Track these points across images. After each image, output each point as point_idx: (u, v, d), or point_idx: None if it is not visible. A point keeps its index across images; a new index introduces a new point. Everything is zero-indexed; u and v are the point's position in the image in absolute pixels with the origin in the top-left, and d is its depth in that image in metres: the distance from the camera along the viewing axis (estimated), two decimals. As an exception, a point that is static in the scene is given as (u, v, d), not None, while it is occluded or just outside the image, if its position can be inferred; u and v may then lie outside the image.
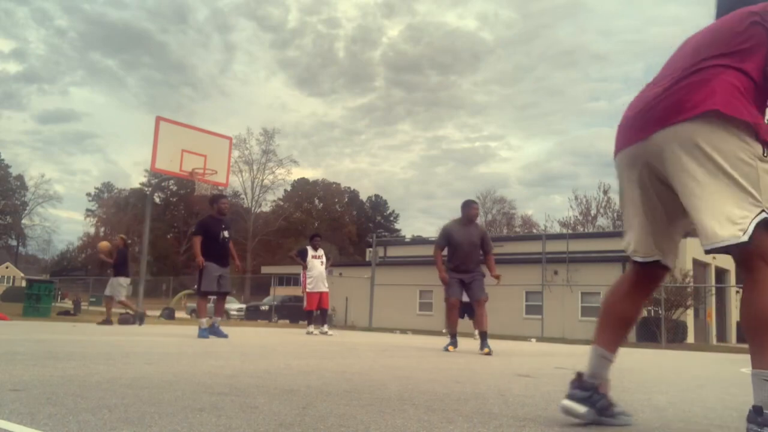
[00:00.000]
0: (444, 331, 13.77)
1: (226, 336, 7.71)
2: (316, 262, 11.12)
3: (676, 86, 1.94)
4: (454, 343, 7.44)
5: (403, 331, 17.40)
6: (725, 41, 1.95)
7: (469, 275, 7.13)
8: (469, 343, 9.13)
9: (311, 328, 11.07)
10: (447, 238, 7.24)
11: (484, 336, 7.13)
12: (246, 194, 58.82)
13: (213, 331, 7.81)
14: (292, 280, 33.02)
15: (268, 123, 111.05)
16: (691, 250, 24.26)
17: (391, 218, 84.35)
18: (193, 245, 7.94)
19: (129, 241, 17.83)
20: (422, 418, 2.09)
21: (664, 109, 1.92)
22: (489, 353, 6.64)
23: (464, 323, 14.09)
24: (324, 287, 11.11)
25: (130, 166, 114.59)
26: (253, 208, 58.41)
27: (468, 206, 7.36)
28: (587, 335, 19.41)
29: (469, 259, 7.15)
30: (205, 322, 7.71)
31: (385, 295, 22.73)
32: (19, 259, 75.73)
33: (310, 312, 11.21)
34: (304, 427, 1.83)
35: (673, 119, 1.88)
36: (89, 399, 2.15)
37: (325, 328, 11.02)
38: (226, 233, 7.98)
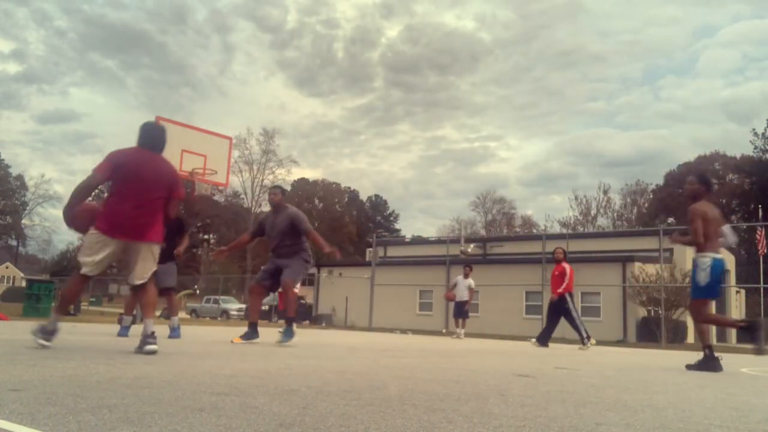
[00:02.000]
0: (443, 331, 13.77)
1: (178, 337, 7.09)
2: None
3: (148, 216, 4.45)
4: (245, 335, 6.80)
5: (403, 331, 17.39)
6: (166, 188, 4.53)
7: (282, 261, 6.81)
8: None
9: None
10: (258, 226, 7.07)
11: (287, 322, 6.71)
12: (246, 194, 58.90)
13: (171, 333, 7.26)
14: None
15: (267, 123, 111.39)
16: (691, 250, 24.26)
17: (391, 218, 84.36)
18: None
19: None
20: (422, 418, 2.09)
21: (145, 228, 4.44)
22: (281, 341, 6.39)
23: (464, 322, 14.13)
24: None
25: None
26: (253, 208, 58.40)
27: (268, 194, 7.18)
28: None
29: (279, 247, 6.83)
30: (128, 319, 7.12)
31: (385, 295, 22.72)
32: (19, 259, 75.74)
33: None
34: (304, 427, 1.83)
35: (147, 238, 4.47)
36: (89, 399, 2.15)
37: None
38: None
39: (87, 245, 4.40)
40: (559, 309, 10.29)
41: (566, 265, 10.31)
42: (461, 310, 13.99)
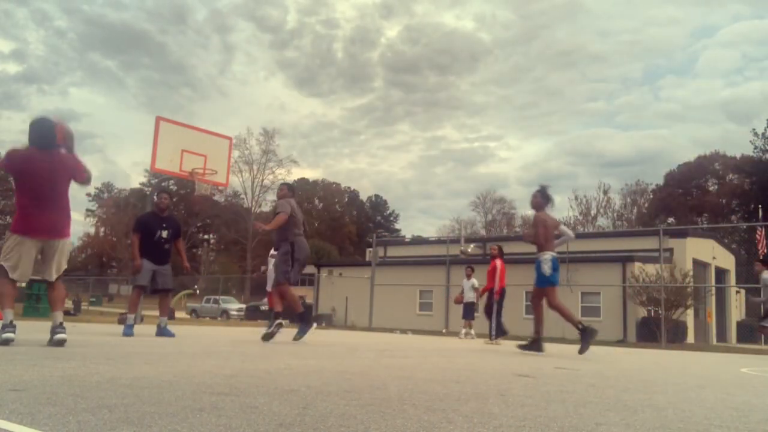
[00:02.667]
0: (443, 331, 13.79)
1: (173, 335, 7.29)
2: (271, 261, 11.41)
3: (61, 214, 4.81)
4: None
5: (403, 331, 17.39)
6: (69, 176, 4.83)
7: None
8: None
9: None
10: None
11: (275, 316, 7.21)
12: (246, 194, 58.84)
13: (160, 331, 7.39)
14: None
15: (267, 123, 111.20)
16: (691, 250, 24.26)
17: (391, 218, 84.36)
18: (132, 244, 7.52)
19: None
20: (422, 418, 2.09)
21: (61, 228, 4.80)
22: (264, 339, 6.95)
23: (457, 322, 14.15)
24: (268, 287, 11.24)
25: (129, 166, 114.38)
26: (253, 208, 58.37)
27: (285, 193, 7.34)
28: (587, 335, 19.40)
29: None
30: (132, 318, 7.22)
31: (385, 295, 22.72)
32: (19, 259, 75.60)
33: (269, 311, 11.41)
34: (304, 427, 1.83)
35: (63, 235, 4.83)
36: (89, 399, 2.15)
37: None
38: (164, 233, 7.55)
39: (7, 250, 4.65)
40: (491, 304, 10.79)
41: (498, 262, 10.68)
42: (468, 311, 14.11)
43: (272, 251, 11.57)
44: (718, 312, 26.91)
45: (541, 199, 7.54)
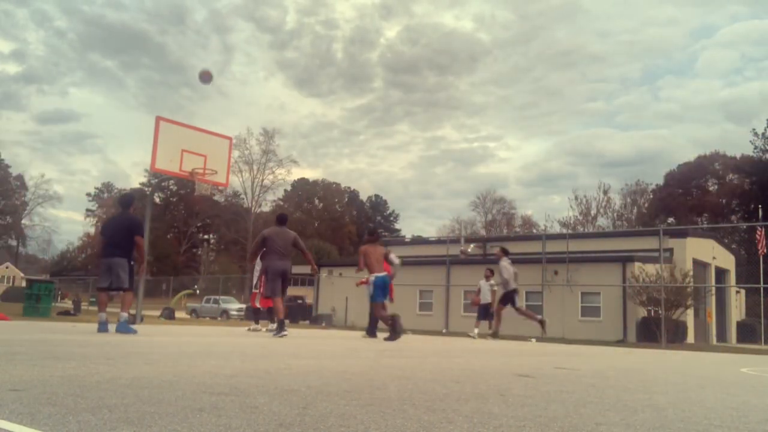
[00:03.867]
0: (443, 331, 13.81)
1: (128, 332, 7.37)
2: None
3: None
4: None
5: (403, 331, 17.37)
6: None
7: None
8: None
9: (258, 326, 11.29)
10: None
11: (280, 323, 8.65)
12: (246, 194, 58.84)
13: (108, 327, 7.42)
14: (292, 280, 32.98)
15: (267, 123, 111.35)
16: (690, 250, 24.25)
17: (391, 218, 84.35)
18: (141, 247, 7.68)
19: None
20: (422, 418, 2.09)
21: None
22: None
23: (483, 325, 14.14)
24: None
25: (129, 166, 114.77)
26: (253, 208, 58.37)
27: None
28: (587, 335, 19.38)
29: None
30: (125, 316, 7.52)
31: (385, 295, 22.70)
32: (19, 259, 75.68)
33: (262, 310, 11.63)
34: (304, 427, 1.83)
35: None
36: (89, 399, 2.15)
37: (258, 325, 11.44)
38: None
39: None
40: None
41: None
42: (486, 312, 14.16)
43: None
44: (718, 312, 26.88)
45: (369, 236, 10.26)
